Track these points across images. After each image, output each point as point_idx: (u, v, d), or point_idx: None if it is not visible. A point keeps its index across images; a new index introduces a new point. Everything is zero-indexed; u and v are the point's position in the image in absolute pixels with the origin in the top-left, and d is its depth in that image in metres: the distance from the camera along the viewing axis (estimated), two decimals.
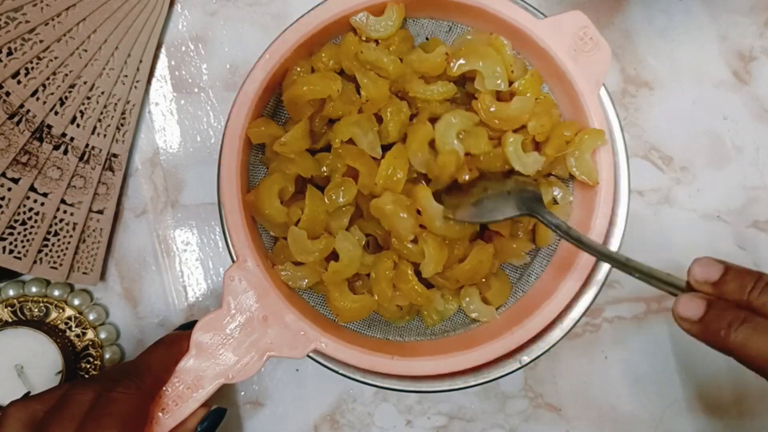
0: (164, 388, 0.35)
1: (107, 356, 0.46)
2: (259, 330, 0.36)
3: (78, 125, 0.44)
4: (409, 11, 0.41)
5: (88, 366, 0.45)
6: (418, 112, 0.40)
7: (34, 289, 0.45)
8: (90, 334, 0.46)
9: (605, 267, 0.39)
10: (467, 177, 0.39)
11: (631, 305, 0.48)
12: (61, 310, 0.46)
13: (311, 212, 0.38)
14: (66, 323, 0.46)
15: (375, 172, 0.38)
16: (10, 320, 0.45)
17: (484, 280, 0.41)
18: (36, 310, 0.45)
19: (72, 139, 0.44)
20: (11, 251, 0.42)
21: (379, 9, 0.40)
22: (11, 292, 0.45)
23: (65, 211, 0.44)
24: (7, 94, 0.42)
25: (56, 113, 0.44)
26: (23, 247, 0.42)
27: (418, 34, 0.42)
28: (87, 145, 0.45)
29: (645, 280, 0.32)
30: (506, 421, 0.48)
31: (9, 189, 0.42)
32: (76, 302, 0.46)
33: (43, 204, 0.43)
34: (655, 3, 0.50)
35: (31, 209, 0.43)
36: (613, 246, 0.39)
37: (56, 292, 0.45)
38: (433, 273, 0.38)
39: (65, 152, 0.44)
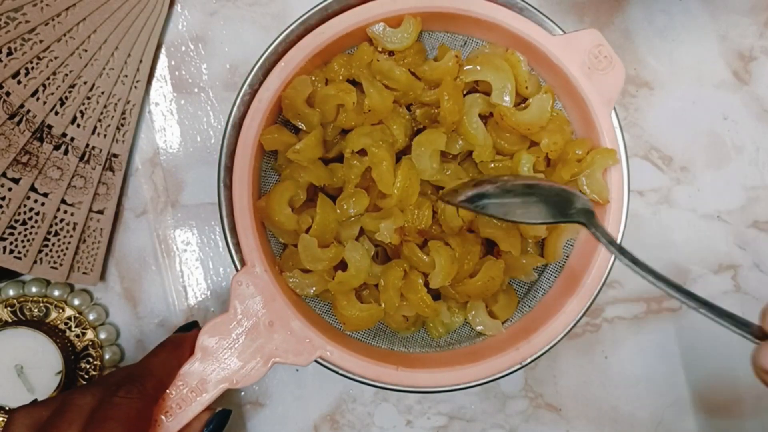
0: (168, 392, 0.35)
1: (107, 356, 0.46)
2: (264, 335, 0.36)
3: (78, 125, 0.44)
4: (425, 24, 0.41)
5: (88, 366, 0.45)
6: (424, 126, 0.41)
7: (34, 289, 0.45)
8: (90, 335, 0.46)
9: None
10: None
11: (631, 305, 0.49)
12: (61, 310, 0.46)
13: (322, 221, 0.38)
14: (66, 323, 0.46)
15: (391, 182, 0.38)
16: (10, 320, 0.45)
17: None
18: (36, 310, 0.45)
19: (72, 139, 0.44)
20: (11, 251, 0.42)
21: (396, 21, 0.40)
22: (11, 292, 0.45)
23: (65, 211, 0.44)
24: (7, 94, 0.42)
25: (56, 113, 0.43)
26: (23, 247, 0.42)
27: (432, 47, 0.42)
28: (87, 145, 0.45)
29: (711, 317, 0.28)
30: (506, 421, 0.48)
31: (9, 189, 0.42)
32: (76, 302, 0.46)
33: (43, 204, 0.43)
34: (655, 3, 0.50)
35: (31, 209, 0.43)
36: None
37: (56, 292, 0.45)
38: (441, 285, 0.38)
39: (65, 152, 0.44)
